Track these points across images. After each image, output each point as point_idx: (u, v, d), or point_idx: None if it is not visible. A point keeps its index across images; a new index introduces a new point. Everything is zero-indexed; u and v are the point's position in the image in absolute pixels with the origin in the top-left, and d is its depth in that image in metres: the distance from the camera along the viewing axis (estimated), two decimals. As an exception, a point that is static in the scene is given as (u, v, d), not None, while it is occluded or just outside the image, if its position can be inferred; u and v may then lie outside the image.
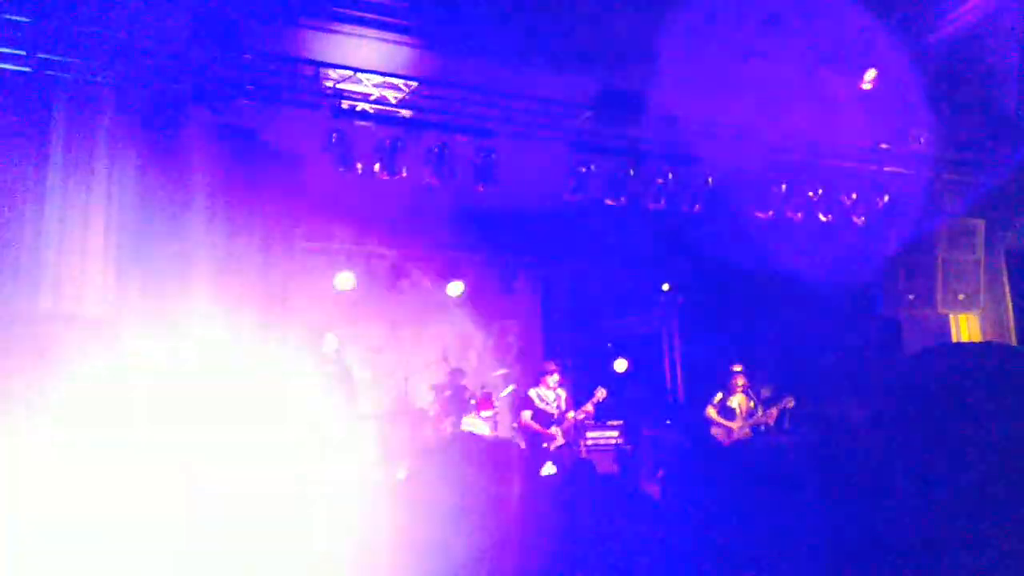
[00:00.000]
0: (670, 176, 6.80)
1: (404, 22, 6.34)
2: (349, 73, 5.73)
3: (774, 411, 8.30)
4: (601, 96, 6.37)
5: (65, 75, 5.12)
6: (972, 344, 1.21)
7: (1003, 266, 7.76)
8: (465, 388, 9.52)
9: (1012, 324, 7.65)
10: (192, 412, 4.73)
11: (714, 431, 8.29)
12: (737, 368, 8.48)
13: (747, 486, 2.24)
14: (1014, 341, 7.43)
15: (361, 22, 6.20)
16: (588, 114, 6.43)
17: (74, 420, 4.06)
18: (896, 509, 1.14)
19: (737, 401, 8.38)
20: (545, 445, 8.03)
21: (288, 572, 3.16)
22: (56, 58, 4.94)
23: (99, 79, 5.16)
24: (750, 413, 8.35)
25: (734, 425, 8.23)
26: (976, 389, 1.07)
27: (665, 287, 10.66)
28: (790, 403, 8.33)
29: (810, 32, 7.12)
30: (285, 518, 3.72)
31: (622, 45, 6.64)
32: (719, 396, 8.47)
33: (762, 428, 8.41)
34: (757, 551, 2.16)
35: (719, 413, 8.37)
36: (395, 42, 6.32)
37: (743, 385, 8.43)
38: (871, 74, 7.03)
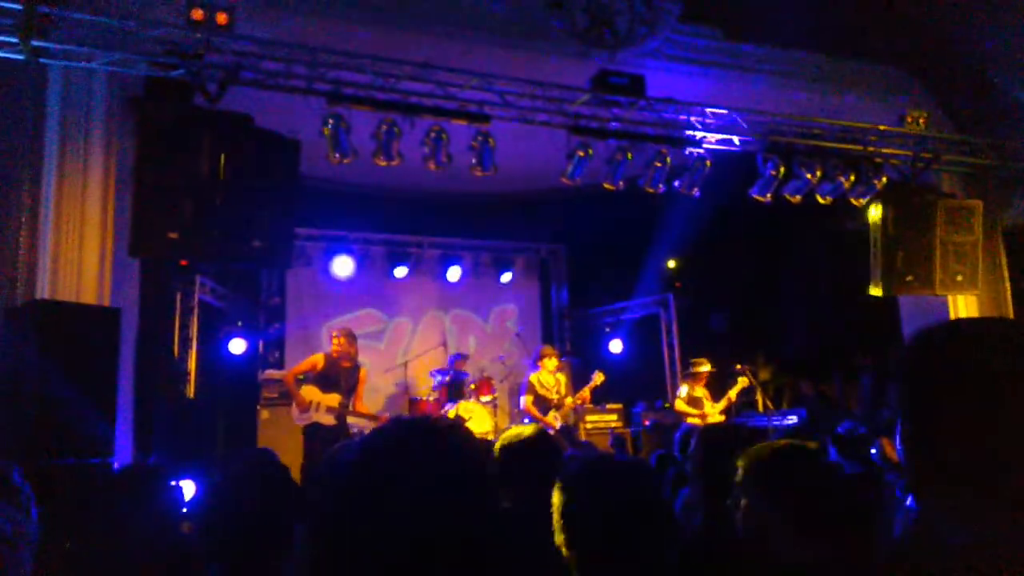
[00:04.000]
0: (668, 160, 6.78)
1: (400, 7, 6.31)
2: (345, 58, 5.69)
3: (732, 393, 8.33)
4: (599, 78, 6.34)
5: (59, 62, 5.08)
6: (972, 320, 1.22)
7: (1001, 246, 7.77)
8: (465, 373, 9.54)
9: (1010, 304, 7.67)
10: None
11: (689, 421, 8.24)
12: (703, 367, 8.42)
13: None
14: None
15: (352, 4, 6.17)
16: (586, 97, 6.40)
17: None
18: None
19: (700, 391, 8.38)
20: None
21: None
22: (49, 45, 4.90)
23: (94, 66, 5.13)
24: (713, 399, 8.37)
25: (705, 412, 8.23)
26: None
27: (671, 263, 10.61)
28: (744, 383, 8.34)
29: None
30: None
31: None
32: (686, 389, 8.44)
33: (732, 412, 8.42)
34: None
35: (687, 404, 8.35)
36: (385, 27, 6.29)
37: (706, 374, 8.42)
38: None
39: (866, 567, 1.76)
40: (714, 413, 8.24)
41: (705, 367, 8.42)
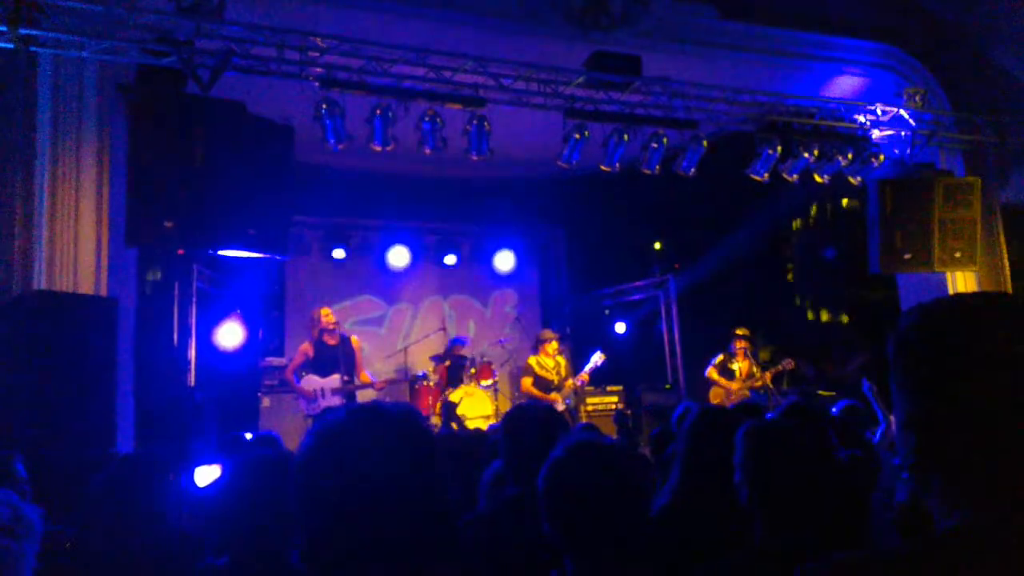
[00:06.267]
0: (664, 141, 6.74)
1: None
2: (337, 42, 5.65)
3: (769, 374, 8.36)
4: (594, 60, 6.29)
5: (49, 50, 5.05)
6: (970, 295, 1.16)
7: (999, 223, 7.74)
8: (465, 358, 9.55)
9: (1008, 281, 7.65)
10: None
11: (713, 391, 8.35)
12: (740, 332, 8.50)
13: None
14: (1011, 298, 7.42)
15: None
16: (581, 79, 6.35)
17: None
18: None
19: (738, 364, 8.44)
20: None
21: None
22: (39, 33, 4.87)
23: (84, 54, 5.09)
24: (750, 376, 8.40)
25: (733, 386, 8.30)
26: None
27: (670, 245, 10.56)
28: (789, 365, 8.38)
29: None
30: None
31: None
32: (720, 358, 8.53)
33: (761, 391, 8.47)
34: None
35: (720, 374, 8.44)
36: (378, 10, 6.23)
37: (744, 348, 8.46)
38: None
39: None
40: (743, 388, 8.30)
41: (740, 343, 8.45)
